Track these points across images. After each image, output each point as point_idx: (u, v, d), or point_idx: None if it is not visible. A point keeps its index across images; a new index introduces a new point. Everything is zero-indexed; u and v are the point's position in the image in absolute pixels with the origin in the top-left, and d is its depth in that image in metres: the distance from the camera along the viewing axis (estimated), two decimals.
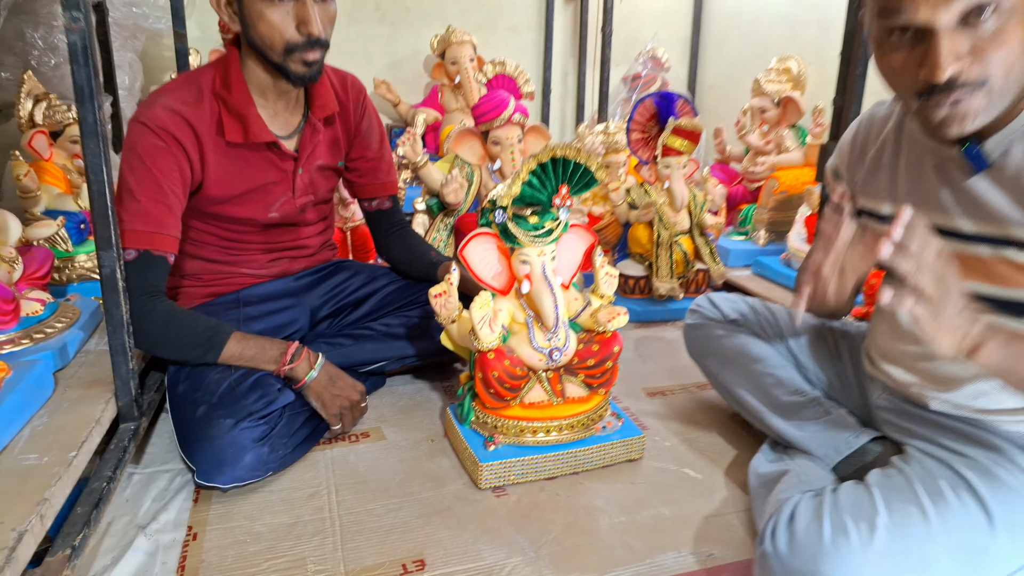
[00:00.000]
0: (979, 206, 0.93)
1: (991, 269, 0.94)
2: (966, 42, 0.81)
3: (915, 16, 0.81)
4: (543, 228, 1.21)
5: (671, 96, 2.02)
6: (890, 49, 0.88)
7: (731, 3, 3.39)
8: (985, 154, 0.92)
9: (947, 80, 0.82)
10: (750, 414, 1.32)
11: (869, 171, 1.11)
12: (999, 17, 0.80)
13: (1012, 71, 0.83)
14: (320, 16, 1.29)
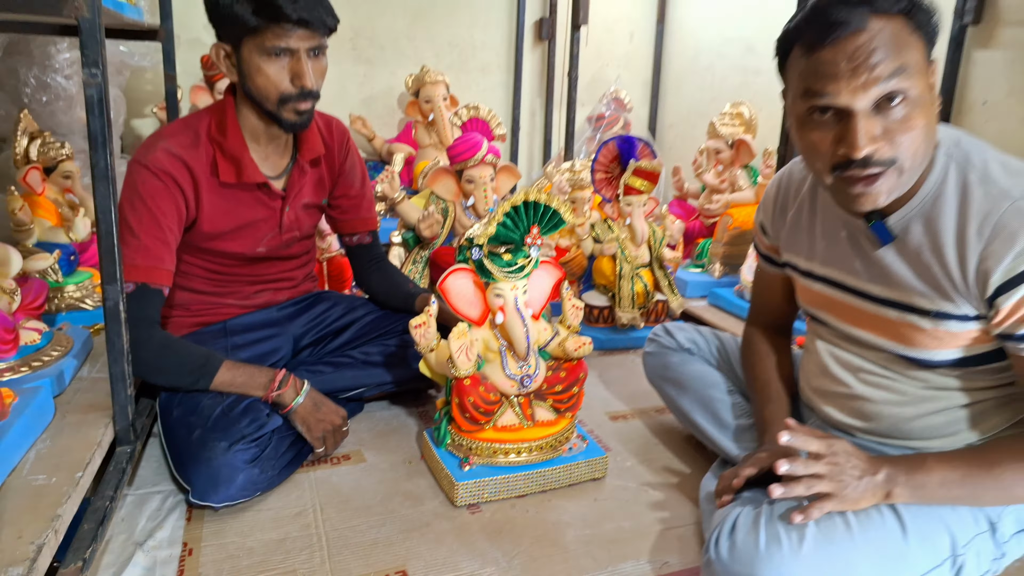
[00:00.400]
0: (886, 275, 1.06)
1: (897, 330, 1.07)
2: (879, 125, 0.92)
3: (837, 99, 0.92)
4: (516, 265, 1.33)
5: (632, 140, 2.17)
6: (812, 127, 0.97)
7: (689, 50, 3.59)
8: (889, 229, 1.04)
9: (862, 157, 0.92)
10: (702, 435, 1.45)
11: (790, 229, 1.24)
12: (906, 106, 0.92)
13: (917, 154, 0.95)
14: (313, 70, 1.41)
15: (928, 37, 0.95)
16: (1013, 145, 2.08)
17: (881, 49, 0.89)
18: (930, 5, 0.95)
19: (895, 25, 0.91)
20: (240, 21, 1.34)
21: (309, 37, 1.38)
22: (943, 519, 1.01)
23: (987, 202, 0.95)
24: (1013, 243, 0.91)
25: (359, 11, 3.20)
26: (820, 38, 0.92)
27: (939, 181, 1.00)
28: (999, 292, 0.94)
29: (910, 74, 0.91)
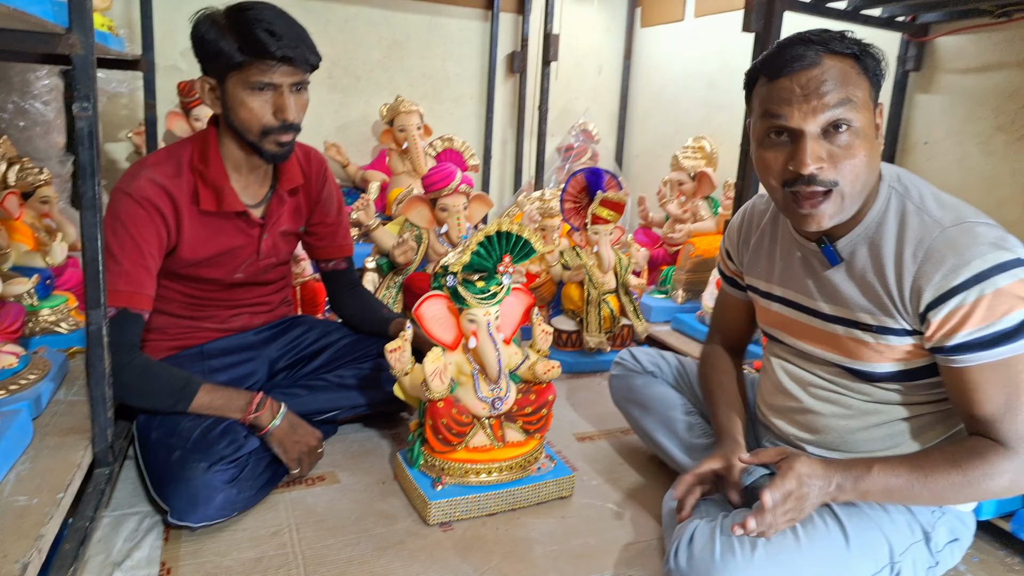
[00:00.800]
0: (834, 294, 1.17)
1: (844, 344, 1.17)
2: (825, 149, 1.04)
3: (791, 121, 1.05)
4: (488, 292, 1.40)
5: (599, 171, 2.26)
6: (768, 146, 1.10)
7: (654, 85, 3.72)
8: (837, 252, 1.15)
9: (809, 175, 1.04)
10: (665, 454, 1.52)
11: (752, 254, 1.35)
12: (850, 135, 1.04)
13: (858, 180, 1.06)
14: (295, 104, 1.47)
15: (873, 80, 1.07)
16: (951, 181, 2.22)
17: (831, 82, 1.02)
18: (878, 53, 1.08)
19: (845, 65, 1.04)
20: (226, 57, 1.40)
21: (292, 73, 1.44)
22: (882, 529, 1.10)
23: (921, 230, 1.06)
24: (941, 265, 1.02)
25: (336, 42, 3.28)
26: (780, 69, 1.05)
27: (882, 210, 1.11)
28: (930, 308, 1.03)
29: (855, 107, 1.03)
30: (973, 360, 1.02)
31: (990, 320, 0.99)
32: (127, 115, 3.01)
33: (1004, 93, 2.10)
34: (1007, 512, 1.39)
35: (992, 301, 0.99)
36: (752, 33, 1.87)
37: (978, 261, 0.99)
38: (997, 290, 0.98)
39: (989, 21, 2.08)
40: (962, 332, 1.01)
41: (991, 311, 0.99)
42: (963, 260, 1.00)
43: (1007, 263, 0.99)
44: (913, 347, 1.10)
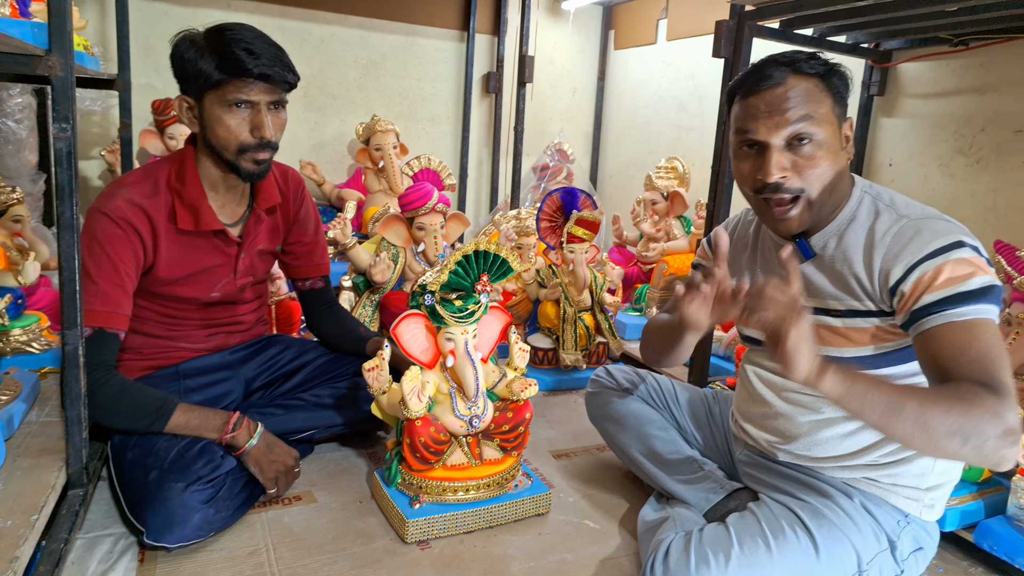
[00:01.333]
0: (807, 286, 1.23)
1: (816, 333, 1.18)
2: (789, 159, 1.14)
3: (758, 135, 1.15)
4: (466, 310, 1.42)
5: (575, 191, 2.30)
6: (741, 158, 1.21)
7: (627, 107, 3.79)
8: (811, 246, 1.23)
9: (775, 183, 1.14)
10: (640, 470, 1.55)
11: (734, 260, 1.40)
12: (813, 147, 1.14)
13: (823, 188, 1.15)
14: (272, 122, 1.48)
15: (837, 97, 1.17)
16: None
17: (793, 99, 1.13)
18: (843, 73, 1.18)
19: (809, 83, 1.15)
20: (204, 75, 1.41)
21: (270, 91, 1.46)
22: (849, 538, 1.14)
23: (890, 221, 1.15)
24: (909, 244, 1.10)
25: (312, 62, 3.30)
26: (751, 88, 1.17)
27: (855, 208, 1.20)
28: (900, 282, 1.09)
29: (817, 122, 1.13)
30: (941, 318, 1.04)
31: (954, 282, 1.04)
32: (99, 133, 2.99)
33: (962, 118, 2.18)
34: (970, 524, 1.44)
35: (955, 265, 1.05)
36: (722, 59, 1.93)
37: (943, 238, 1.08)
38: (960, 258, 1.06)
39: (948, 49, 2.16)
40: (929, 294, 1.06)
41: (954, 273, 1.05)
42: (928, 240, 1.08)
43: (967, 244, 1.07)
44: (877, 329, 1.16)
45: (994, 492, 1.50)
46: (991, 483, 1.52)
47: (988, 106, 2.10)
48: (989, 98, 2.10)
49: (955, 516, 1.42)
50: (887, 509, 1.19)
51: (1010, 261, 1.72)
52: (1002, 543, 1.35)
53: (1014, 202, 2.05)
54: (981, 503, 1.46)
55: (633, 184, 3.67)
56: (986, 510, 1.46)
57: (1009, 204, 2.06)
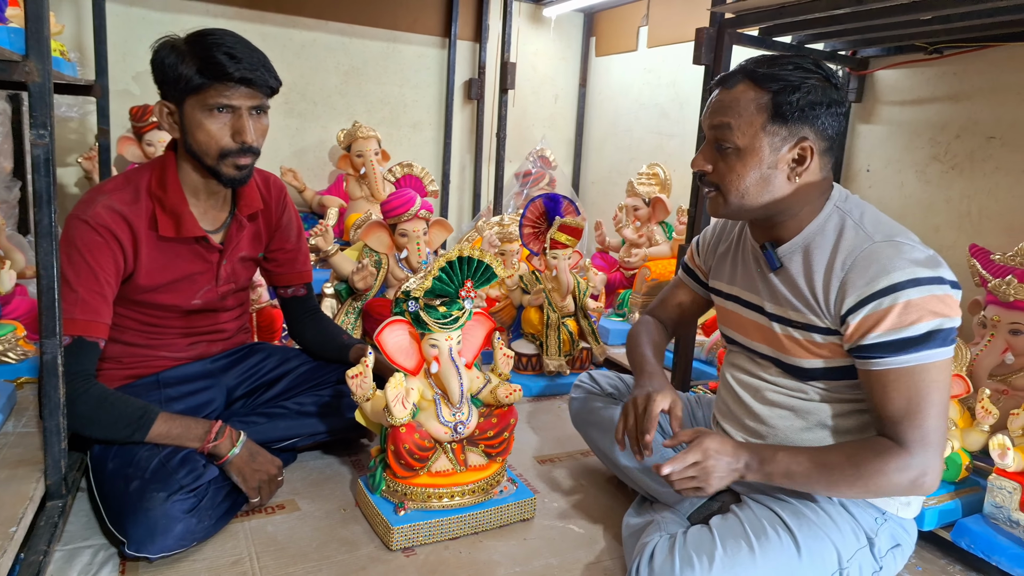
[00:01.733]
0: (773, 293, 1.26)
1: (779, 340, 1.26)
2: (712, 158, 1.22)
3: (703, 127, 1.24)
4: (450, 316, 1.42)
5: (557, 197, 2.31)
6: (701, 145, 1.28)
7: (609, 113, 3.81)
8: (777, 257, 1.25)
9: (696, 171, 1.24)
10: (624, 475, 1.55)
11: (720, 260, 1.44)
12: (731, 154, 1.19)
13: (740, 193, 1.20)
14: (254, 127, 1.47)
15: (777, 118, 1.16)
16: (892, 208, 2.33)
17: (725, 107, 1.19)
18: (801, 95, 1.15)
19: (751, 96, 1.17)
20: (185, 80, 1.41)
21: (251, 96, 1.45)
22: (830, 537, 1.16)
23: (854, 242, 1.16)
24: (864, 273, 1.12)
25: (293, 68, 3.29)
26: (715, 84, 1.25)
27: (822, 223, 1.21)
28: (850, 311, 1.12)
29: (737, 134, 1.18)
30: (883, 364, 1.10)
31: (899, 327, 1.08)
32: (76, 140, 2.96)
33: (938, 125, 2.21)
34: (948, 523, 1.46)
35: (903, 310, 1.07)
36: (702, 66, 1.95)
37: (897, 273, 1.09)
38: (908, 301, 1.07)
39: (923, 57, 2.20)
40: (873, 334, 1.10)
41: (901, 319, 1.08)
42: (884, 270, 1.10)
43: (922, 279, 1.08)
44: (833, 345, 1.19)
45: (971, 492, 1.52)
46: (968, 483, 1.54)
47: (962, 113, 2.15)
48: (963, 105, 2.14)
49: (933, 515, 1.44)
50: (864, 507, 1.21)
51: (984, 265, 1.75)
52: (979, 541, 1.38)
53: (988, 207, 2.09)
54: (958, 502, 1.48)
55: (615, 190, 3.69)
56: (963, 509, 1.48)
57: (983, 209, 2.10)
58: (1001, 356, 1.71)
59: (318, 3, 3.30)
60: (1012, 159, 2.02)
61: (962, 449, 1.52)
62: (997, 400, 1.65)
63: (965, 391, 1.52)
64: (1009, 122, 2.02)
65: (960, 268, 2.11)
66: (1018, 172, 2.01)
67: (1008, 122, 2.03)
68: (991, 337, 1.73)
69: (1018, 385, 1.72)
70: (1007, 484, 1.38)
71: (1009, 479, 1.38)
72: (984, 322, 1.76)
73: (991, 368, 1.73)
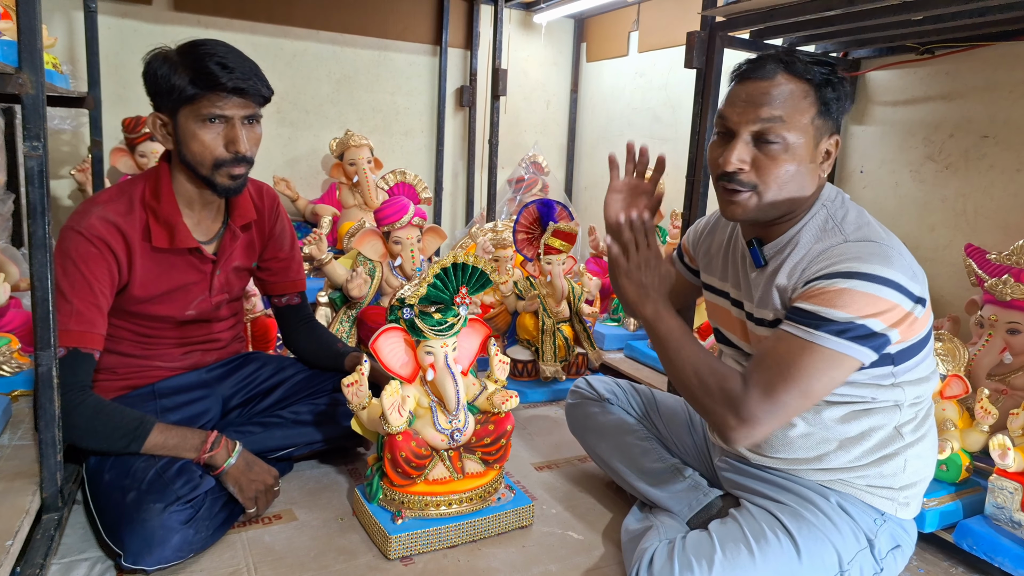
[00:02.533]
0: (754, 292, 1.26)
1: (758, 340, 1.26)
2: (751, 153, 1.15)
3: (729, 122, 1.17)
4: (446, 323, 1.41)
5: (551, 203, 2.31)
6: (716, 142, 1.21)
7: (601, 118, 3.82)
8: (762, 255, 1.24)
9: (731, 172, 1.15)
10: (622, 480, 1.55)
11: (712, 254, 1.42)
12: (779, 149, 1.13)
13: (779, 190, 1.15)
14: (247, 137, 1.47)
15: (823, 108, 1.15)
16: (888, 208, 2.33)
17: (773, 97, 1.13)
18: (841, 87, 1.16)
19: (796, 87, 1.13)
20: (178, 91, 1.40)
21: (244, 106, 1.45)
22: (830, 539, 1.15)
23: (829, 240, 1.16)
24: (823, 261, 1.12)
25: (284, 77, 3.29)
26: (742, 75, 1.18)
27: (807, 222, 1.21)
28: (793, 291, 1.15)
29: (789, 127, 1.13)
30: (786, 325, 1.11)
31: (821, 304, 1.07)
32: (69, 152, 2.95)
33: (931, 124, 2.22)
34: (949, 524, 1.46)
35: (837, 293, 1.06)
36: (694, 70, 1.95)
37: (855, 263, 1.08)
38: (848, 288, 1.06)
39: (914, 57, 2.21)
40: (797, 301, 1.11)
41: (828, 299, 1.07)
42: (844, 259, 1.09)
43: (874, 276, 1.06)
44: None
45: (972, 492, 1.52)
46: (969, 484, 1.54)
47: (955, 112, 2.15)
48: (956, 105, 2.15)
49: (934, 517, 1.44)
50: (863, 508, 1.20)
51: (981, 264, 1.75)
52: (981, 542, 1.37)
53: (983, 206, 2.09)
54: (959, 503, 1.48)
55: None
56: (964, 510, 1.48)
57: (978, 208, 2.11)
58: (999, 356, 1.71)
59: (308, 12, 3.31)
60: (1006, 157, 2.03)
61: (962, 450, 1.52)
62: (996, 400, 1.65)
63: (964, 391, 1.52)
64: (1002, 120, 2.03)
65: (956, 267, 2.12)
66: (1012, 170, 2.02)
67: (1001, 120, 2.04)
68: (989, 337, 1.73)
69: (1017, 384, 1.72)
70: (1008, 484, 1.38)
71: (1010, 479, 1.38)
72: (982, 322, 1.76)
73: (990, 368, 1.74)
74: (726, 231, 1.41)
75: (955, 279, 2.11)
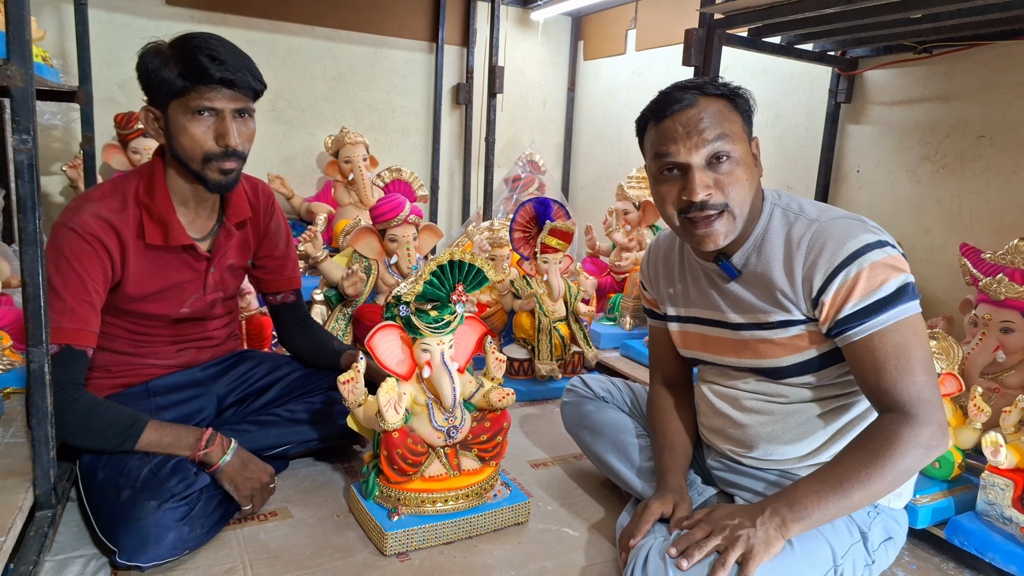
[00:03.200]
0: (738, 302, 1.27)
1: (753, 347, 1.27)
2: (711, 177, 1.17)
3: (678, 157, 1.18)
4: (442, 321, 1.41)
5: (547, 201, 2.31)
6: (662, 181, 1.23)
7: (598, 118, 3.82)
8: (733, 266, 1.26)
9: (700, 201, 1.16)
10: (617, 478, 1.55)
11: (665, 284, 1.44)
12: (731, 164, 1.18)
13: (744, 202, 1.20)
14: (239, 131, 1.46)
15: (745, 116, 1.23)
16: (883, 209, 2.34)
17: (707, 119, 1.17)
18: (746, 94, 1.24)
19: (719, 104, 1.19)
20: (168, 84, 1.39)
21: (234, 98, 1.44)
22: (824, 534, 1.15)
23: (801, 229, 1.20)
24: (823, 252, 1.15)
25: (279, 74, 3.28)
26: (664, 112, 1.20)
27: (766, 223, 1.25)
28: (821, 291, 1.15)
29: (732, 140, 1.18)
30: (863, 331, 1.12)
31: (871, 290, 1.11)
32: (61, 148, 2.94)
33: (928, 125, 2.23)
34: (941, 520, 1.46)
35: (870, 272, 1.11)
36: (692, 67, 1.96)
37: (852, 242, 1.13)
38: (872, 263, 1.11)
39: (912, 56, 2.22)
40: (849, 304, 1.12)
41: (870, 282, 1.11)
42: (839, 244, 1.14)
43: (874, 243, 1.13)
44: (811, 334, 1.21)
45: (964, 490, 1.52)
46: (961, 481, 1.54)
47: (952, 113, 2.16)
48: (952, 105, 2.16)
49: (927, 513, 1.44)
50: None
51: (975, 264, 1.76)
52: (972, 539, 1.38)
53: (978, 207, 2.10)
54: (951, 500, 1.49)
55: (605, 195, 3.69)
56: (956, 507, 1.48)
57: (973, 208, 2.11)
58: (993, 354, 1.72)
59: (304, 9, 3.30)
60: (1002, 158, 2.04)
61: (955, 447, 1.53)
62: (989, 398, 1.66)
63: (957, 389, 1.53)
64: (999, 121, 2.04)
65: (951, 268, 2.13)
66: (1008, 171, 2.02)
67: (998, 121, 2.04)
68: (983, 336, 1.74)
69: (1010, 383, 1.73)
70: (1000, 481, 1.38)
71: (1002, 476, 1.38)
72: (975, 321, 1.77)
73: (983, 366, 1.74)
74: (672, 260, 1.43)
75: (950, 279, 2.12)
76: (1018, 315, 1.69)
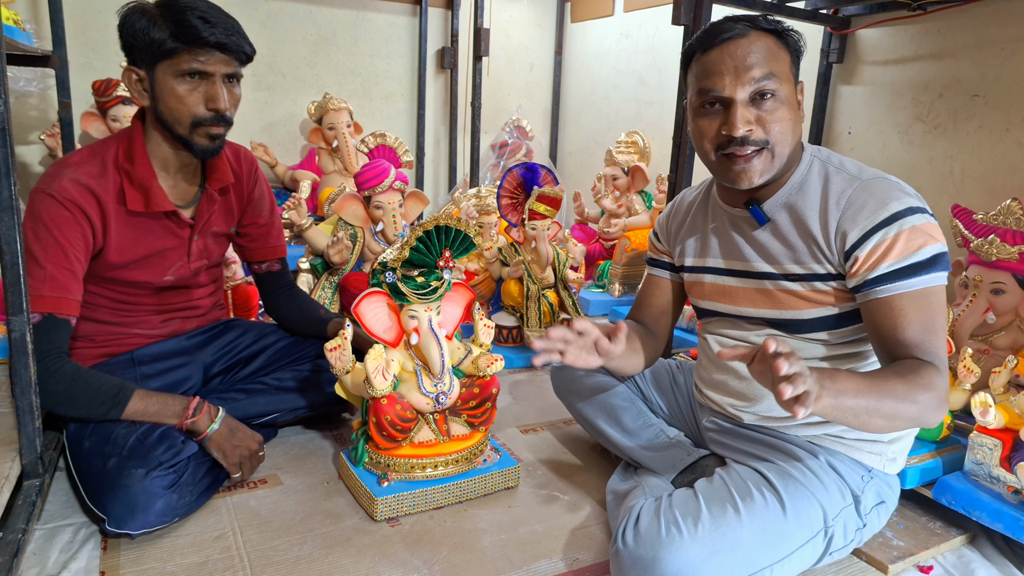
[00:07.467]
0: (764, 251, 1.26)
1: (776, 298, 1.26)
2: (753, 113, 1.16)
3: (723, 92, 1.16)
4: (429, 287, 1.40)
5: (535, 167, 2.28)
6: (703, 115, 1.21)
7: (586, 82, 3.77)
8: (764, 212, 1.25)
9: (741, 136, 1.15)
10: (607, 441, 1.55)
11: (684, 236, 1.42)
12: (775, 102, 1.16)
13: (785, 142, 1.17)
14: (227, 96, 1.43)
15: (794, 55, 1.20)
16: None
17: (756, 54, 1.15)
18: (795, 33, 1.21)
19: (769, 40, 1.17)
20: (157, 44, 1.35)
21: (226, 63, 1.41)
22: (816, 496, 1.16)
23: (842, 184, 1.19)
24: (864, 208, 1.14)
25: (259, 38, 3.20)
26: (712, 42, 1.18)
27: (805, 173, 1.23)
28: (855, 246, 1.14)
29: (778, 79, 1.16)
30: (896, 289, 1.12)
31: (908, 252, 1.11)
32: (38, 116, 2.87)
33: (920, 84, 2.21)
34: (929, 480, 1.48)
35: (909, 235, 1.11)
36: (681, 27, 1.92)
37: (895, 203, 1.12)
38: (913, 227, 1.11)
39: (907, 13, 2.18)
40: (885, 263, 1.12)
41: (908, 244, 1.11)
42: (882, 203, 1.13)
43: (917, 208, 1.13)
44: (836, 291, 1.20)
45: (952, 450, 1.54)
46: (949, 441, 1.56)
47: (945, 72, 2.14)
48: (946, 64, 2.14)
49: (915, 474, 1.46)
50: (851, 465, 1.22)
51: (967, 225, 1.76)
52: (960, 498, 1.39)
53: (970, 167, 2.09)
54: (940, 460, 1.50)
55: (593, 161, 3.66)
56: (944, 467, 1.50)
57: (965, 169, 2.11)
58: (983, 316, 1.72)
59: None
60: (995, 117, 2.02)
61: None
62: (979, 359, 1.67)
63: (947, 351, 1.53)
64: (992, 79, 2.02)
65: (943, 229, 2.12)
66: (1001, 131, 2.01)
67: (992, 79, 2.02)
68: (973, 297, 1.74)
69: (999, 344, 1.74)
70: (988, 441, 1.39)
71: (990, 436, 1.39)
72: (966, 282, 1.77)
73: (973, 328, 1.75)
74: (695, 209, 1.41)
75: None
76: (1009, 276, 1.69)
